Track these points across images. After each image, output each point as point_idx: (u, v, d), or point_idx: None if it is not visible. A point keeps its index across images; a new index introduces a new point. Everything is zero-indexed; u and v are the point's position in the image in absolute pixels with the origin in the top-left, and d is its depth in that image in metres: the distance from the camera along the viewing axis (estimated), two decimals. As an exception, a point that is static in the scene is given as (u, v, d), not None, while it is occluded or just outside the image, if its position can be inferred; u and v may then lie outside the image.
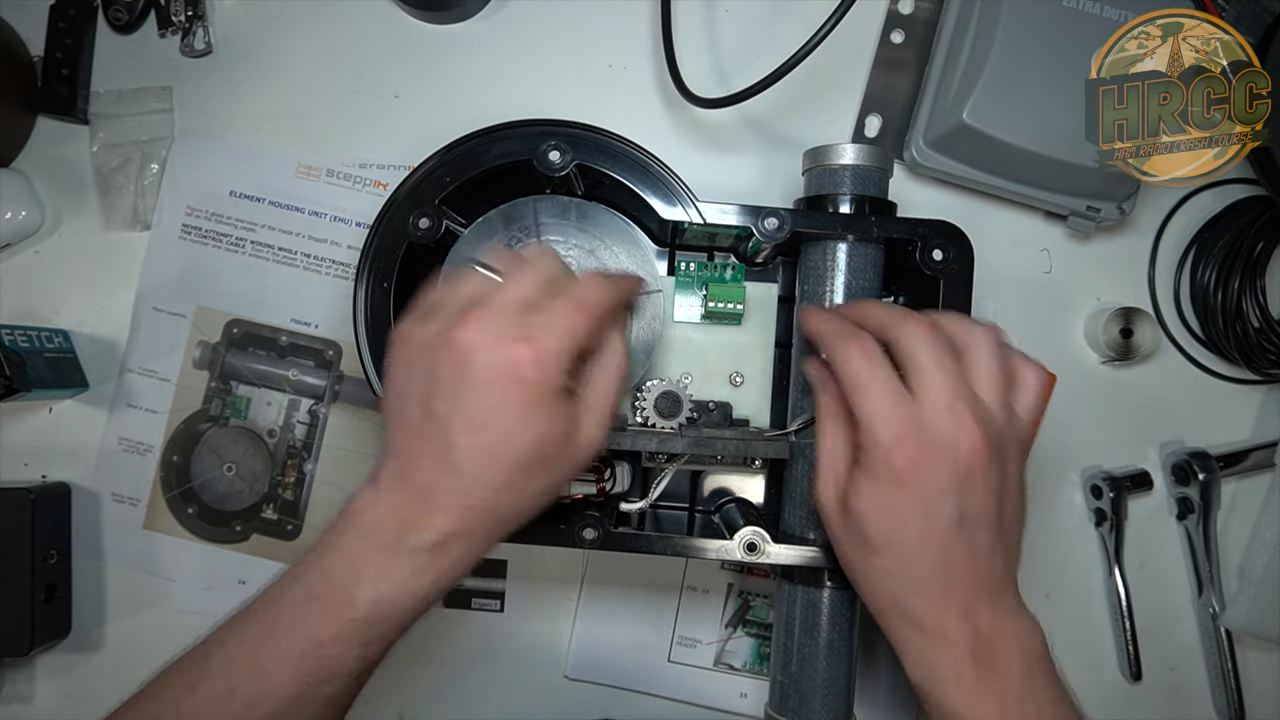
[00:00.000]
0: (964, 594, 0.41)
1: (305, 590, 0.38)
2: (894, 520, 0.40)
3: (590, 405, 0.41)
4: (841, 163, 0.52)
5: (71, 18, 0.63)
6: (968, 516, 0.40)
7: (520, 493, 0.39)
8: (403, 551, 0.38)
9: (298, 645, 0.37)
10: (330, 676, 0.38)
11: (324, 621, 0.37)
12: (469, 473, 0.38)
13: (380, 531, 0.38)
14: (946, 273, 0.50)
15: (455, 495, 0.38)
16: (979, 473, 0.40)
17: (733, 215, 0.50)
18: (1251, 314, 0.63)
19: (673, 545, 0.50)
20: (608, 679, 0.63)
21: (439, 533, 0.38)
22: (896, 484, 0.40)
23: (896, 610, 0.42)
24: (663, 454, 0.54)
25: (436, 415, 0.38)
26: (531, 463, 0.39)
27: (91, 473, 0.64)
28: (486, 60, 0.65)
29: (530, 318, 0.39)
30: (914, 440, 0.39)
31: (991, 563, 0.41)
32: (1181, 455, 0.64)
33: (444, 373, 0.38)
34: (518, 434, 0.38)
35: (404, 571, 0.38)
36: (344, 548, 0.39)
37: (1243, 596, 0.62)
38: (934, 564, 0.40)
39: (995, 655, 0.41)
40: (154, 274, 0.64)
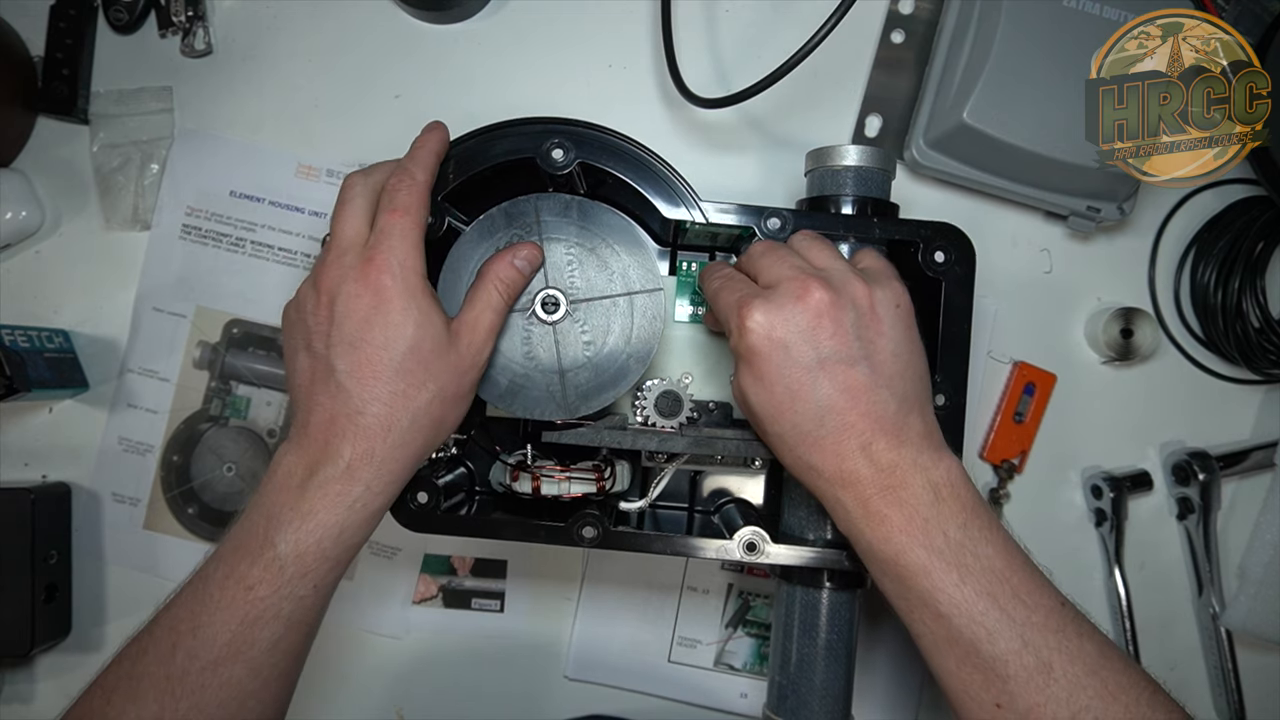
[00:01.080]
0: (855, 433, 0.42)
1: (233, 543, 0.41)
2: (764, 387, 0.43)
3: (464, 318, 0.44)
4: (844, 164, 0.52)
5: (71, 18, 0.63)
6: (827, 355, 0.42)
7: (411, 403, 0.42)
8: (313, 488, 0.41)
9: (228, 592, 0.40)
10: (261, 618, 0.40)
11: (250, 567, 0.40)
12: (355, 392, 0.41)
13: (291, 475, 0.41)
14: (948, 274, 0.50)
15: (348, 418, 0.41)
16: (828, 316, 0.42)
17: (735, 215, 0.50)
18: (1251, 314, 0.63)
19: (672, 545, 0.50)
20: (608, 679, 0.63)
21: (342, 459, 0.41)
22: (755, 354, 0.42)
23: (808, 470, 0.43)
24: (663, 453, 0.54)
25: (318, 355, 0.42)
26: (412, 367, 0.42)
27: (91, 473, 0.64)
28: (486, 60, 0.65)
29: (364, 240, 0.43)
30: (761, 310, 0.42)
31: (875, 398, 0.42)
32: (1181, 455, 0.64)
33: (316, 319, 0.43)
34: (391, 340, 0.41)
35: (315, 504, 0.40)
36: (262, 500, 0.42)
37: (1242, 596, 0.62)
38: (811, 410, 0.42)
39: (899, 487, 0.41)
40: (154, 274, 0.64)
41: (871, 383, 0.42)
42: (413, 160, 0.46)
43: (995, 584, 0.40)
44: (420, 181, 0.45)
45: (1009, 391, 0.64)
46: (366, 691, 0.64)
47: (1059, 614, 0.40)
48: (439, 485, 0.50)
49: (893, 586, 0.42)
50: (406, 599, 0.64)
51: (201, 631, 0.39)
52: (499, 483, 0.54)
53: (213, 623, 0.39)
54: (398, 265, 0.42)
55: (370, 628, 0.64)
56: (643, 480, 0.56)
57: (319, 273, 0.43)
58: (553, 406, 0.47)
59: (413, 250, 0.43)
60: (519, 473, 0.51)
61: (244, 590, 0.39)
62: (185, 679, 0.39)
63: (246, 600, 0.39)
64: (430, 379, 0.42)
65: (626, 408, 0.52)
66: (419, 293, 0.42)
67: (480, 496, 0.56)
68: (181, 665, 0.39)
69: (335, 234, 0.44)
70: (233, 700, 0.39)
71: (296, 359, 0.44)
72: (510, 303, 0.46)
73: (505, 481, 0.52)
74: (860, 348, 0.42)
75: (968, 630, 0.39)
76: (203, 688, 0.39)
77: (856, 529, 0.42)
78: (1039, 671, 0.38)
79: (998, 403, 0.64)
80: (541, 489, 0.50)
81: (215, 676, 0.39)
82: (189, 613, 0.40)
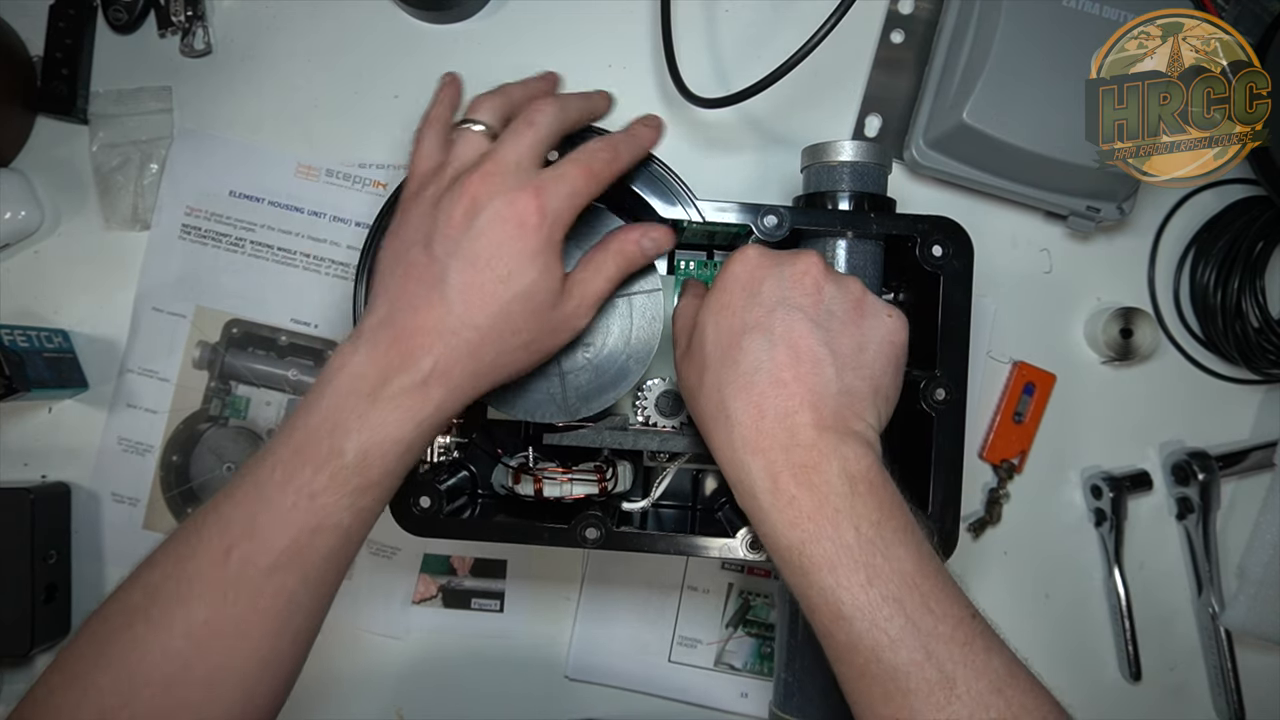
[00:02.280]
0: (785, 393, 0.40)
1: (293, 445, 0.39)
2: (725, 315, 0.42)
3: (578, 281, 0.43)
4: (840, 159, 0.52)
5: (71, 18, 0.63)
6: (793, 306, 0.41)
7: (502, 341, 0.40)
8: (385, 396, 0.39)
9: (289, 498, 0.38)
10: (322, 527, 0.38)
11: (314, 473, 0.38)
12: (457, 309, 0.39)
13: (363, 378, 0.39)
14: (946, 268, 0.50)
15: (441, 333, 0.39)
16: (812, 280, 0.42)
17: (732, 213, 0.50)
18: (1251, 314, 0.63)
19: (675, 544, 0.50)
20: (608, 679, 0.63)
21: (421, 372, 0.39)
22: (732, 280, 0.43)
23: (721, 417, 0.41)
24: (664, 453, 0.54)
25: (436, 257, 0.40)
26: (518, 311, 0.40)
27: (91, 473, 0.64)
28: (486, 60, 0.65)
29: (539, 173, 0.41)
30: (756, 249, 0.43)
31: (819, 372, 0.40)
32: (1181, 455, 0.64)
33: (451, 219, 0.40)
34: (513, 276, 0.40)
35: (387, 415, 0.39)
36: (326, 403, 0.39)
37: (1242, 596, 0.63)
38: (753, 351, 0.41)
39: (813, 469, 0.39)
40: (154, 274, 0.64)
41: (821, 356, 0.40)
42: (627, 150, 0.45)
43: (904, 589, 0.37)
44: (621, 170, 0.44)
45: (1008, 391, 0.64)
46: (366, 691, 0.64)
47: (968, 625, 0.37)
48: (441, 490, 0.50)
49: (794, 579, 0.39)
50: (406, 599, 0.64)
51: (259, 535, 0.37)
52: (501, 485, 0.54)
53: (272, 527, 0.37)
54: (553, 211, 0.40)
55: (370, 628, 0.64)
56: (645, 480, 0.56)
57: (470, 175, 0.41)
58: (554, 409, 0.47)
59: (572, 209, 0.42)
60: (521, 475, 0.51)
61: (307, 497, 0.38)
62: (239, 583, 0.37)
63: (310, 508, 0.38)
64: (528, 328, 0.41)
65: (627, 408, 0.52)
66: (556, 246, 0.41)
67: (483, 499, 0.56)
68: (235, 569, 0.37)
69: (506, 145, 0.42)
70: (284, 609, 0.38)
71: (409, 250, 0.41)
72: (623, 278, 0.45)
73: (507, 484, 0.52)
74: (827, 323, 0.41)
75: (869, 636, 0.36)
76: (257, 593, 0.37)
77: (760, 507, 0.39)
78: (941, 686, 0.35)
79: (997, 403, 0.64)
80: (544, 491, 0.50)
81: (270, 583, 0.37)
82: (245, 515, 0.38)
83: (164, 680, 0.36)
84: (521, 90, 0.46)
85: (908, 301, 0.55)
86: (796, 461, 0.39)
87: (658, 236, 0.46)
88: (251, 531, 0.38)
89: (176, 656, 0.36)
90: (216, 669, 0.37)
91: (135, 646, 0.37)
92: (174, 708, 0.36)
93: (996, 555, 0.65)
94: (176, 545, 0.39)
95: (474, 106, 0.44)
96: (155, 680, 0.36)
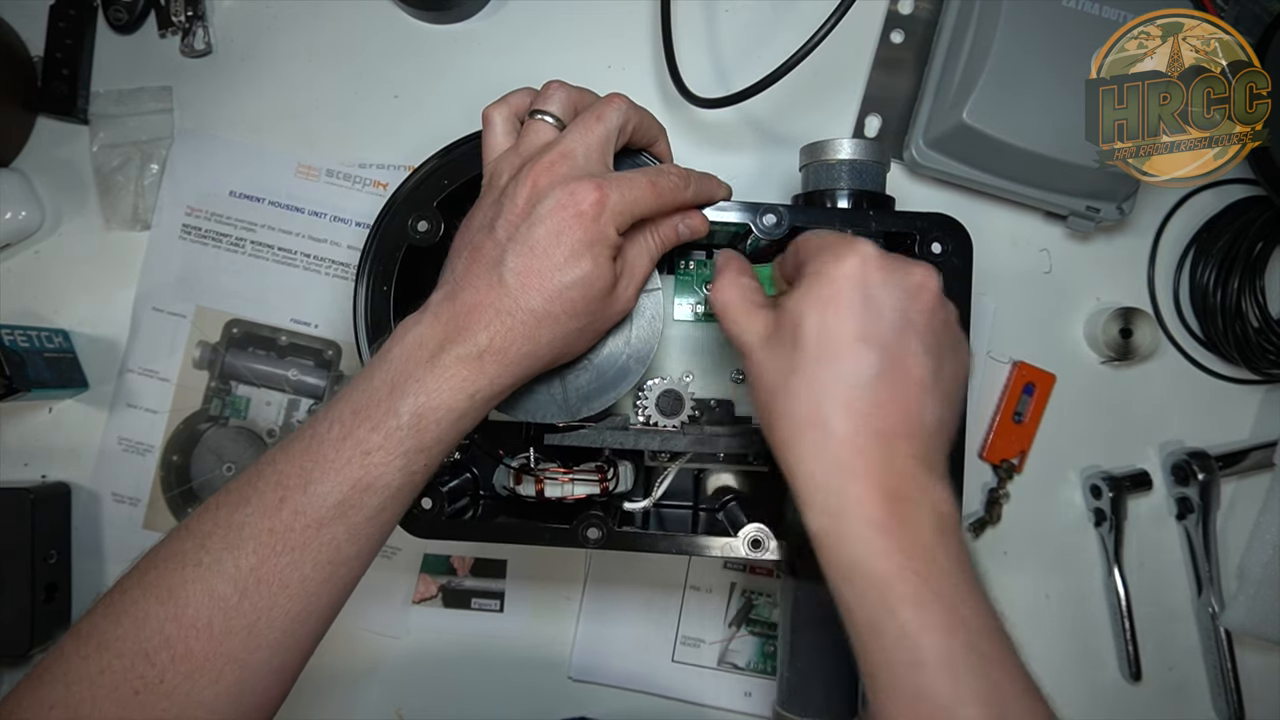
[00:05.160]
0: (893, 418, 0.38)
1: (352, 405, 0.40)
2: (833, 312, 0.39)
3: (627, 264, 0.44)
4: (838, 157, 0.52)
5: (71, 18, 0.63)
6: (915, 329, 0.39)
7: (558, 325, 0.41)
8: (442, 364, 0.40)
9: (344, 453, 0.39)
10: (373, 485, 0.39)
11: (370, 431, 0.39)
12: (514, 292, 0.40)
13: (423, 346, 0.40)
14: (945, 265, 0.50)
15: (497, 312, 0.40)
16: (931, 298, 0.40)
17: (731, 212, 0.50)
18: (1251, 314, 0.63)
19: (677, 544, 0.50)
20: (611, 679, 0.63)
21: (477, 345, 0.40)
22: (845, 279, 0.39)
23: (818, 427, 0.38)
24: (665, 453, 0.54)
25: (498, 240, 0.41)
26: (576, 298, 0.41)
27: (91, 473, 0.64)
28: (486, 60, 0.65)
29: (601, 170, 0.43)
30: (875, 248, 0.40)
31: (925, 402, 0.38)
32: (1181, 455, 0.64)
33: (515, 204, 0.41)
34: (567, 265, 0.40)
35: (443, 382, 0.40)
36: (389, 363, 0.40)
37: (1242, 596, 0.63)
38: (866, 366, 0.38)
39: (908, 501, 0.37)
40: (154, 274, 0.64)
41: (928, 384, 0.39)
42: (693, 186, 0.46)
43: (983, 640, 0.35)
44: (682, 199, 0.45)
45: (1008, 391, 0.64)
46: (366, 691, 0.64)
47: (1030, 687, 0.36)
48: (444, 491, 0.50)
49: (869, 610, 0.37)
50: (406, 599, 0.64)
51: (313, 488, 0.38)
52: (502, 486, 0.53)
53: (325, 481, 0.39)
54: (612, 206, 0.41)
55: (370, 627, 0.64)
56: (646, 480, 0.56)
57: (536, 163, 0.42)
58: (554, 409, 0.47)
59: (631, 213, 0.42)
60: (522, 476, 0.51)
61: (361, 454, 0.39)
62: (289, 534, 0.38)
63: (363, 465, 0.39)
64: (585, 313, 0.42)
65: (628, 408, 0.52)
66: (612, 242, 0.42)
67: (484, 500, 0.56)
68: (287, 520, 0.38)
69: (572, 136, 0.43)
70: (329, 563, 0.39)
71: (476, 234, 0.43)
72: (659, 259, 0.46)
73: (509, 485, 0.52)
74: (936, 350, 0.39)
75: (944, 691, 0.34)
76: (305, 545, 0.38)
77: (844, 530, 0.37)
78: None
79: (997, 402, 0.64)
80: (545, 492, 0.50)
81: (318, 536, 0.38)
82: (299, 468, 0.39)
83: (208, 624, 0.37)
84: (590, 93, 0.47)
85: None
86: (892, 490, 0.37)
87: (694, 224, 0.47)
88: (305, 485, 0.39)
89: (222, 601, 0.37)
90: (260, 618, 0.38)
91: (184, 587, 0.37)
92: (214, 651, 0.37)
93: (996, 555, 0.65)
94: (230, 495, 0.40)
95: (544, 96, 0.45)
96: (200, 623, 0.37)
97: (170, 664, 0.36)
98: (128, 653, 0.36)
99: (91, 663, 0.36)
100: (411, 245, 0.49)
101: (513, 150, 0.45)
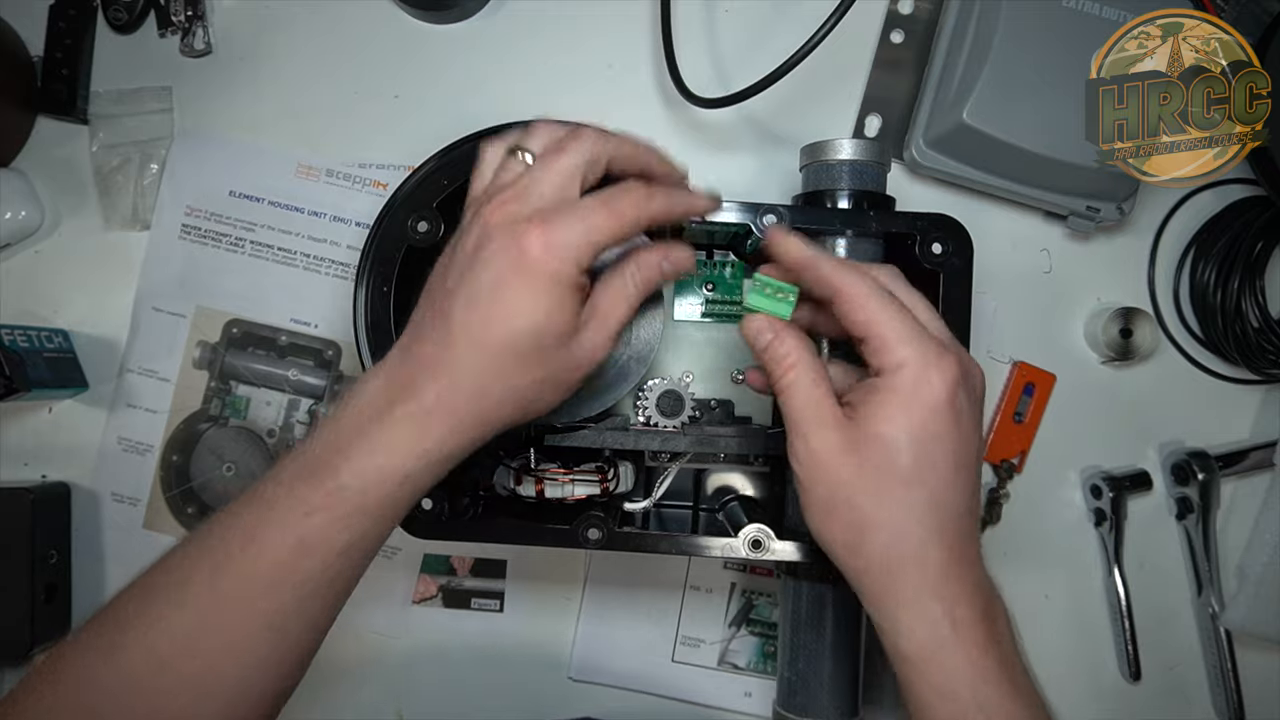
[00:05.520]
0: (971, 538, 0.39)
1: (299, 465, 0.39)
2: (933, 443, 0.38)
3: (597, 309, 0.40)
4: (839, 158, 0.52)
5: (71, 18, 0.63)
6: (975, 440, 0.39)
7: (510, 381, 0.39)
8: (388, 423, 0.38)
9: (285, 513, 0.38)
10: (315, 548, 0.38)
11: (311, 491, 0.38)
12: (459, 345, 0.38)
13: (372, 403, 0.39)
14: (946, 266, 0.50)
15: (445, 367, 0.38)
16: (979, 400, 0.40)
17: (731, 213, 0.50)
18: (1251, 314, 0.63)
19: (677, 544, 0.50)
20: (611, 680, 0.63)
21: (423, 404, 0.38)
22: (951, 401, 0.38)
23: (913, 559, 0.38)
24: (666, 453, 0.54)
25: (449, 289, 0.39)
26: (524, 349, 0.38)
27: (91, 473, 0.64)
28: (486, 60, 0.65)
29: (555, 205, 0.38)
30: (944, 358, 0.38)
31: (976, 508, 0.39)
32: (1181, 455, 0.64)
33: (466, 248, 0.39)
34: (513, 314, 0.37)
35: (387, 442, 0.38)
36: (339, 420, 0.39)
37: (1242, 596, 0.63)
38: (966, 499, 0.38)
39: (997, 619, 0.38)
40: (154, 274, 0.64)
41: (978, 485, 0.39)
42: (661, 202, 0.40)
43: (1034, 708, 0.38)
44: (650, 217, 0.40)
45: (1008, 391, 0.64)
46: (366, 691, 0.64)
47: None
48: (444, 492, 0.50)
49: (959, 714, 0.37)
50: (406, 599, 0.64)
51: (252, 548, 0.37)
52: (503, 486, 0.53)
53: (266, 540, 0.37)
54: (561, 246, 0.37)
55: (370, 627, 0.64)
56: (646, 480, 0.56)
57: (491, 200, 0.39)
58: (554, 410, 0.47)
59: (589, 247, 0.38)
60: (522, 476, 0.51)
61: (302, 515, 0.37)
62: (230, 594, 0.37)
63: (303, 525, 0.37)
64: (541, 366, 0.39)
65: (628, 408, 0.52)
66: (567, 283, 0.38)
67: (484, 500, 0.56)
68: (230, 580, 0.37)
69: (531, 173, 0.39)
70: (274, 624, 0.38)
71: (435, 279, 0.40)
72: (642, 302, 0.42)
73: (509, 485, 0.52)
74: (978, 446, 0.40)
75: None
76: (250, 603, 0.37)
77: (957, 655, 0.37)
78: None
79: (997, 402, 0.64)
80: (545, 492, 0.50)
81: (263, 596, 0.37)
82: (244, 525, 0.38)
83: (152, 684, 0.37)
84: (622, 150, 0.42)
85: (908, 301, 0.55)
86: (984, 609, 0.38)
87: (678, 259, 0.42)
88: (247, 542, 0.38)
89: (163, 662, 0.37)
90: (202, 675, 0.37)
91: (124, 648, 0.37)
92: (157, 708, 0.37)
93: (996, 555, 0.65)
94: (180, 551, 0.39)
95: (527, 133, 0.42)
96: (143, 683, 0.37)
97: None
98: (69, 709, 0.37)
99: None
100: (411, 245, 0.49)
101: (483, 189, 0.41)
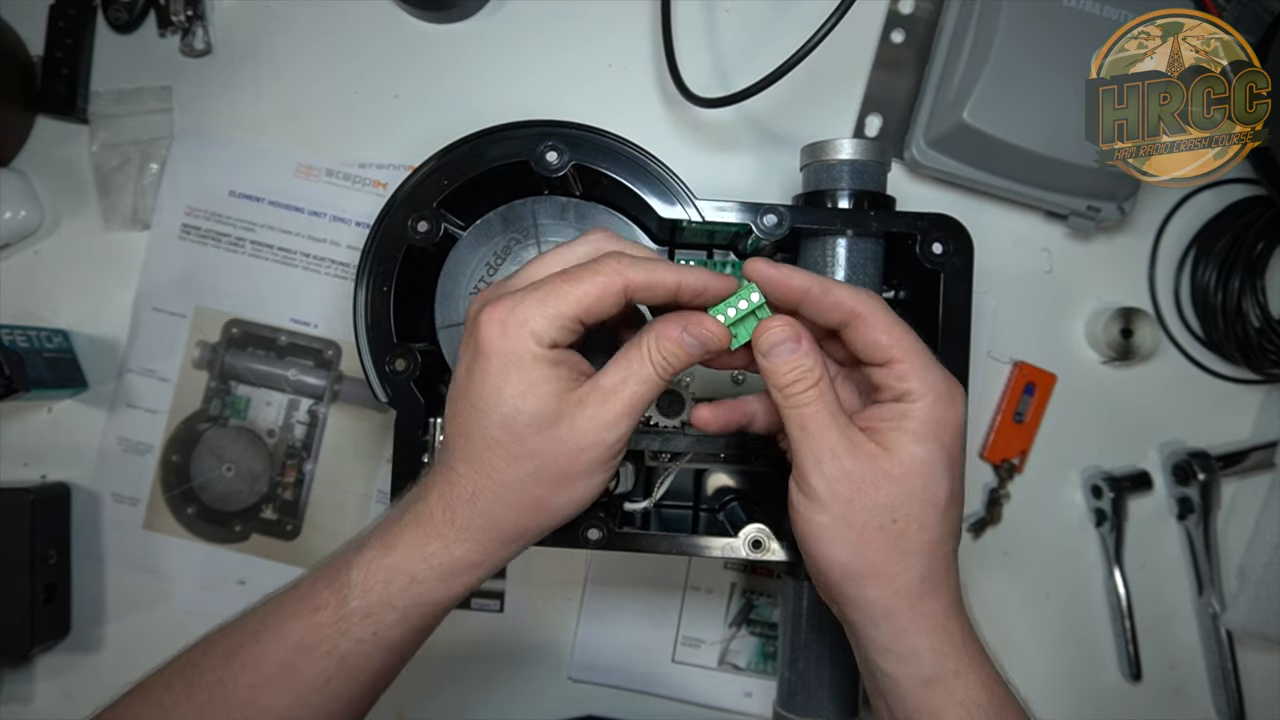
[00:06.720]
0: (954, 571, 0.39)
1: (322, 563, 0.39)
2: (958, 466, 0.39)
3: (599, 385, 0.37)
4: (839, 158, 0.52)
5: (71, 18, 0.63)
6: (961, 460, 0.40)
7: (498, 476, 0.37)
8: (402, 524, 0.38)
9: (294, 608, 0.37)
10: (315, 647, 0.36)
11: (323, 587, 0.37)
12: (451, 445, 0.38)
13: (399, 505, 0.39)
14: (946, 266, 0.50)
15: (445, 469, 0.38)
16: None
17: (731, 213, 0.50)
18: (1251, 314, 0.63)
19: (678, 544, 0.50)
20: (611, 680, 0.63)
21: (429, 505, 0.38)
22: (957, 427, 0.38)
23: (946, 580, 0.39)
24: (666, 453, 0.54)
25: (455, 392, 0.39)
26: (501, 438, 0.36)
27: (91, 473, 0.64)
28: (486, 60, 0.65)
29: (522, 288, 0.37)
30: (953, 383, 0.39)
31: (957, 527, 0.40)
32: (1181, 455, 0.64)
33: (463, 348, 0.39)
34: (485, 404, 0.36)
35: (396, 543, 0.37)
36: (373, 523, 0.39)
37: (1243, 596, 0.63)
38: (954, 528, 0.39)
39: (974, 641, 0.39)
40: (153, 274, 0.64)
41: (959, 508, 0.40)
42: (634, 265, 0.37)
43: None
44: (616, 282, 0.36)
45: (1009, 391, 0.64)
46: (367, 692, 0.64)
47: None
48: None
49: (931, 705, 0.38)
50: (407, 599, 0.64)
51: (257, 645, 0.37)
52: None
53: (273, 636, 0.37)
54: (517, 323, 0.36)
55: (370, 628, 0.64)
56: (646, 480, 0.56)
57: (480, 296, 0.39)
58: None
59: (550, 319, 0.36)
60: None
61: (309, 611, 0.37)
62: (235, 689, 0.37)
63: (309, 623, 0.37)
64: (526, 456, 0.36)
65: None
66: (527, 360, 0.36)
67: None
68: (234, 673, 0.37)
69: (534, 262, 0.39)
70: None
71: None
72: (666, 380, 0.38)
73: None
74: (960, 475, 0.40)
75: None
76: (250, 704, 0.37)
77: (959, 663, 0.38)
78: None
79: (998, 402, 0.64)
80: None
81: (260, 696, 0.36)
82: (258, 618, 0.38)
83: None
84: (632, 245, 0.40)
85: (908, 299, 0.55)
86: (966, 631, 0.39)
87: (707, 333, 0.38)
88: (258, 635, 0.37)
89: None
90: None
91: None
92: None
93: (997, 555, 0.65)
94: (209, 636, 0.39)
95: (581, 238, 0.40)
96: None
97: None
98: None
99: None
100: (411, 245, 0.49)
101: None
